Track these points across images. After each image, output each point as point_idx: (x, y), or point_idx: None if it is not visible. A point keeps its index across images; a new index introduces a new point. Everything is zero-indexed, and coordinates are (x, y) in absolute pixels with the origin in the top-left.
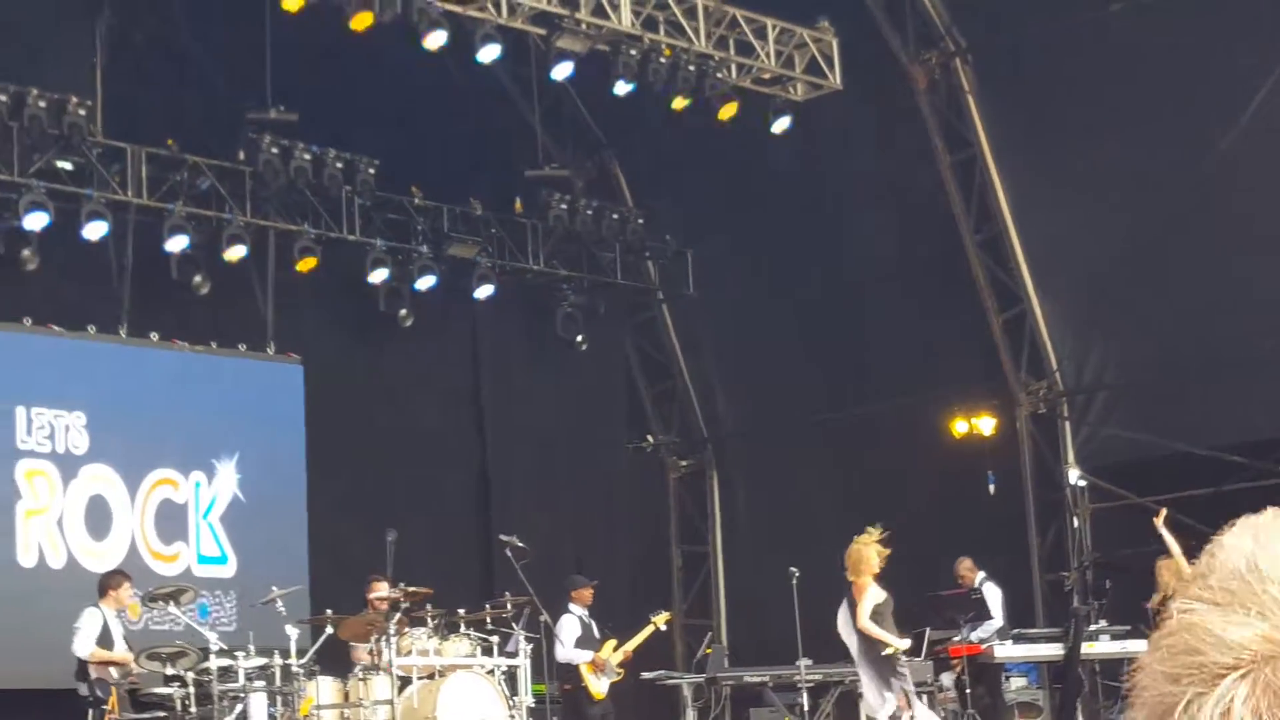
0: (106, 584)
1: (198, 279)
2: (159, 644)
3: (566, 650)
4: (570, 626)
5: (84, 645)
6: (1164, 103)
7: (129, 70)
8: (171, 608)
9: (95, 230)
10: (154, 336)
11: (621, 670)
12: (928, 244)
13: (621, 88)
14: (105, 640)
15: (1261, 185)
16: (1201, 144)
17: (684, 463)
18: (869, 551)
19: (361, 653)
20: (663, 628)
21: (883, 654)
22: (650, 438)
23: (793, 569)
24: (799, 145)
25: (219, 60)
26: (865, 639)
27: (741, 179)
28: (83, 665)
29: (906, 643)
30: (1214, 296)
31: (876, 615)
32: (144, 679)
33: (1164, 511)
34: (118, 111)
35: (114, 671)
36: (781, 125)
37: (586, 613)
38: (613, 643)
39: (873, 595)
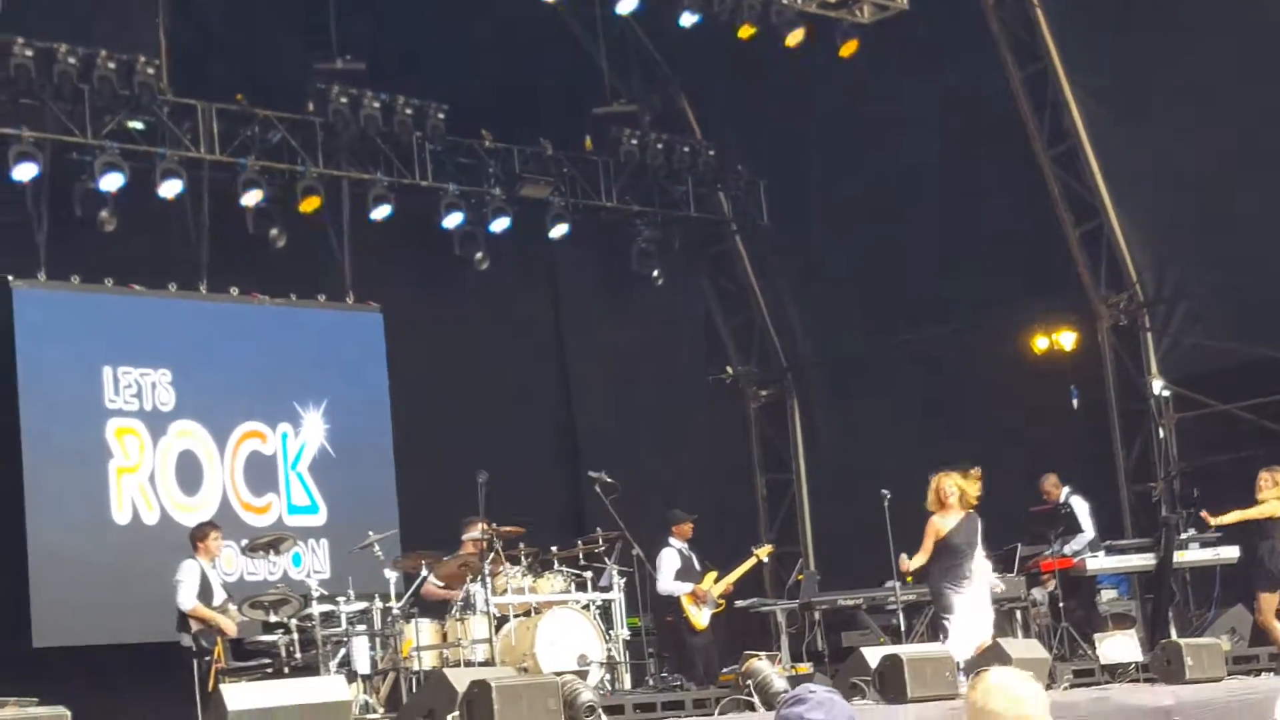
0: (196, 537)
1: (274, 232)
2: (260, 592)
3: (666, 582)
4: (670, 559)
5: (187, 598)
6: (1240, 6)
7: (192, 27)
8: (271, 557)
9: (170, 188)
10: (234, 291)
11: (722, 602)
12: (1001, 161)
13: (687, 19)
14: (205, 592)
15: None
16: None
17: (764, 392)
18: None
19: (433, 588)
20: (765, 560)
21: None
22: (729, 369)
23: (884, 491)
24: (868, 68)
25: (282, 13)
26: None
27: (810, 105)
28: (183, 617)
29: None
30: None
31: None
32: (245, 628)
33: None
34: (184, 69)
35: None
36: (849, 48)
37: (686, 546)
38: (713, 574)
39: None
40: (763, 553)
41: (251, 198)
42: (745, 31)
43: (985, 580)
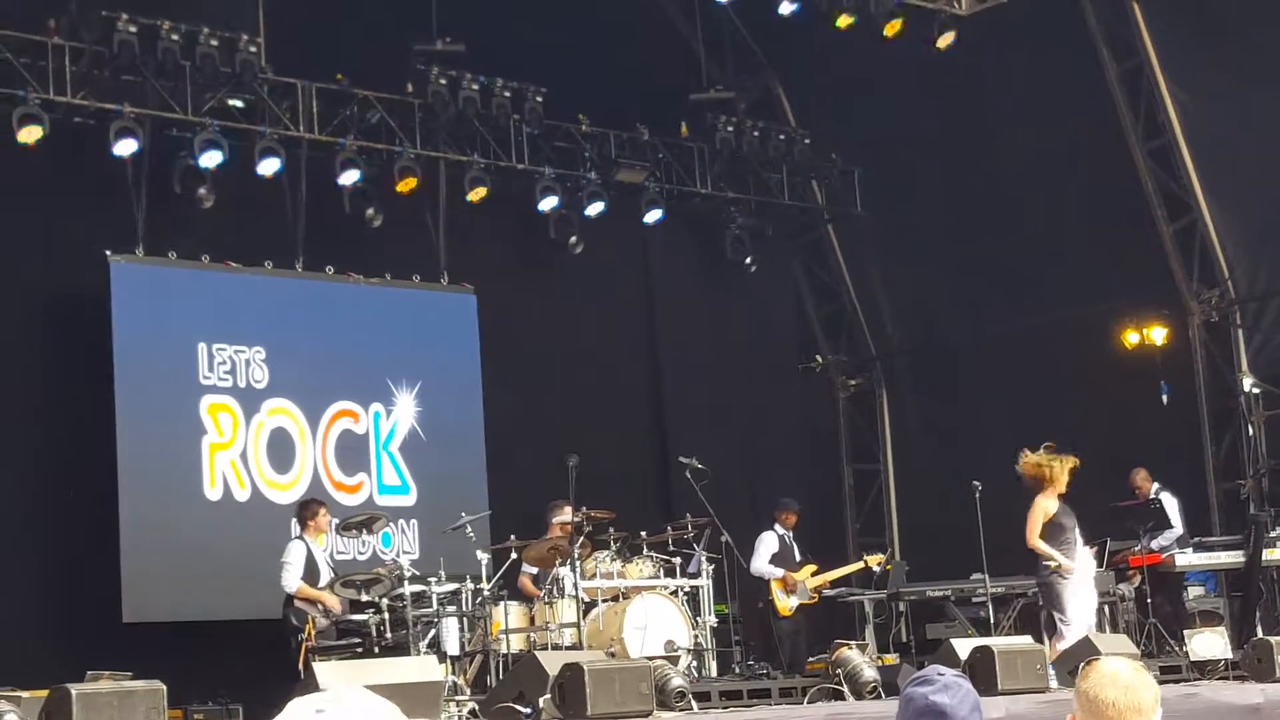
0: (305, 515)
1: (370, 212)
2: (353, 571)
3: (759, 563)
4: (769, 542)
5: (291, 580)
6: None
7: (293, 6)
8: (364, 536)
9: (269, 166)
10: (329, 270)
11: (816, 595)
12: (1095, 155)
13: (786, 7)
14: (311, 571)
15: None
16: None
17: (853, 382)
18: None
19: (528, 582)
20: (875, 569)
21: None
22: (819, 357)
23: (975, 483)
24: (964, 60)
25: None
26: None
27: (907, 96)
28: (289, 596)
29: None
30: None
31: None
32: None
33: None
34: (283, 48)
35: (319, 612)
36: (946, 40)
37: (790, 534)
38: (812, 567)
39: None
40: (874, 561)
41: (349, 177)
42: (843, 21)
43: (1090, 562)
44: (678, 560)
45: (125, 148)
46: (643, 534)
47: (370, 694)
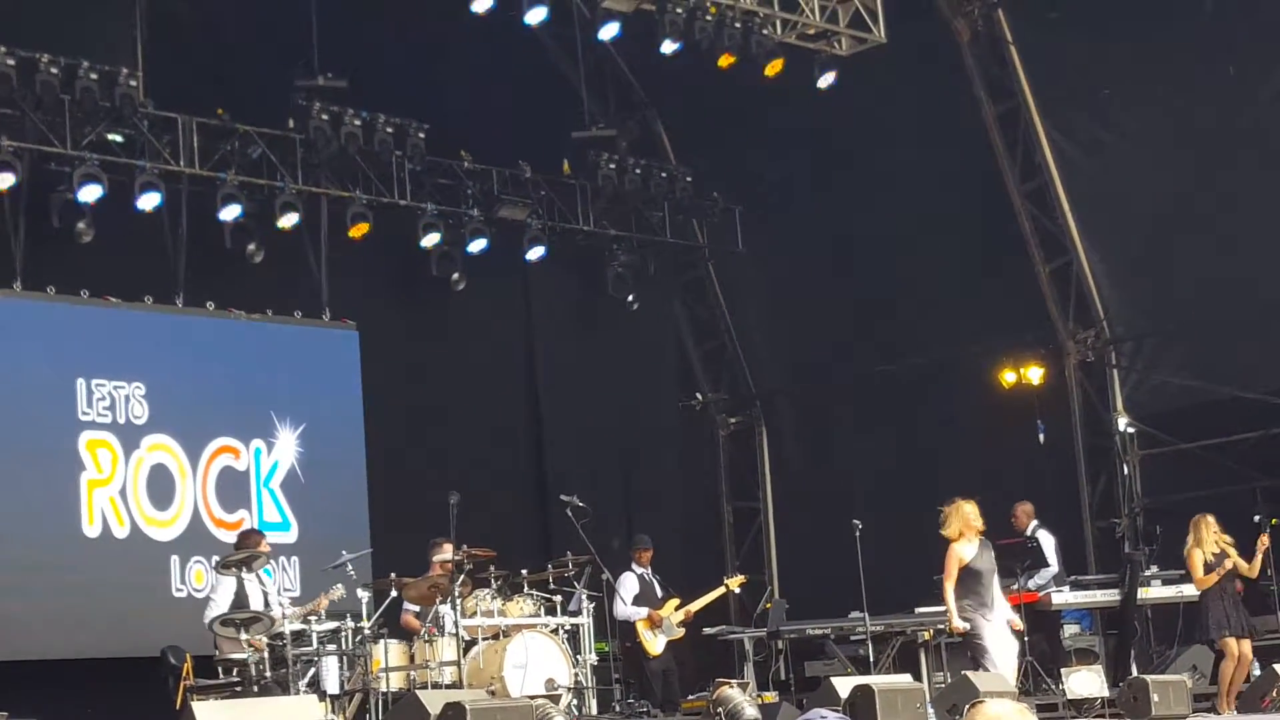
0: (245, 544)
1: (251, 247)
2: (232, 611)
3: (624, 608)
4: (629, 584)
5: (211, 614)
6: (1208, 49)
7: (172, 41)
8: (244, 574)
9: (149, 201)
10: (210, 306)
11: (681, 630)
12: (973, 196)
13: (668, 46)
14: (240, 604)
15: None
16: (1247, 88)
17: (733, 420)
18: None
19: (411, 619)
20: (735, 590)
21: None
22: (700, 395)
23: (856, 521)
24: (844, 101)
25: (264, 29)
26: None
27: (788, 135)
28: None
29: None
30: (1259, 241)
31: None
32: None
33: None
34: (163, 82)
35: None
36: (826, 81)
37: (648, 571)
38: (675, 601)
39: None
40: (734, 583)
41: (230, 213)
42: (725, 61)
43: (1004, 605)
44: (558, 598)
45: (3, 181)
46: (523, 572)
47: None
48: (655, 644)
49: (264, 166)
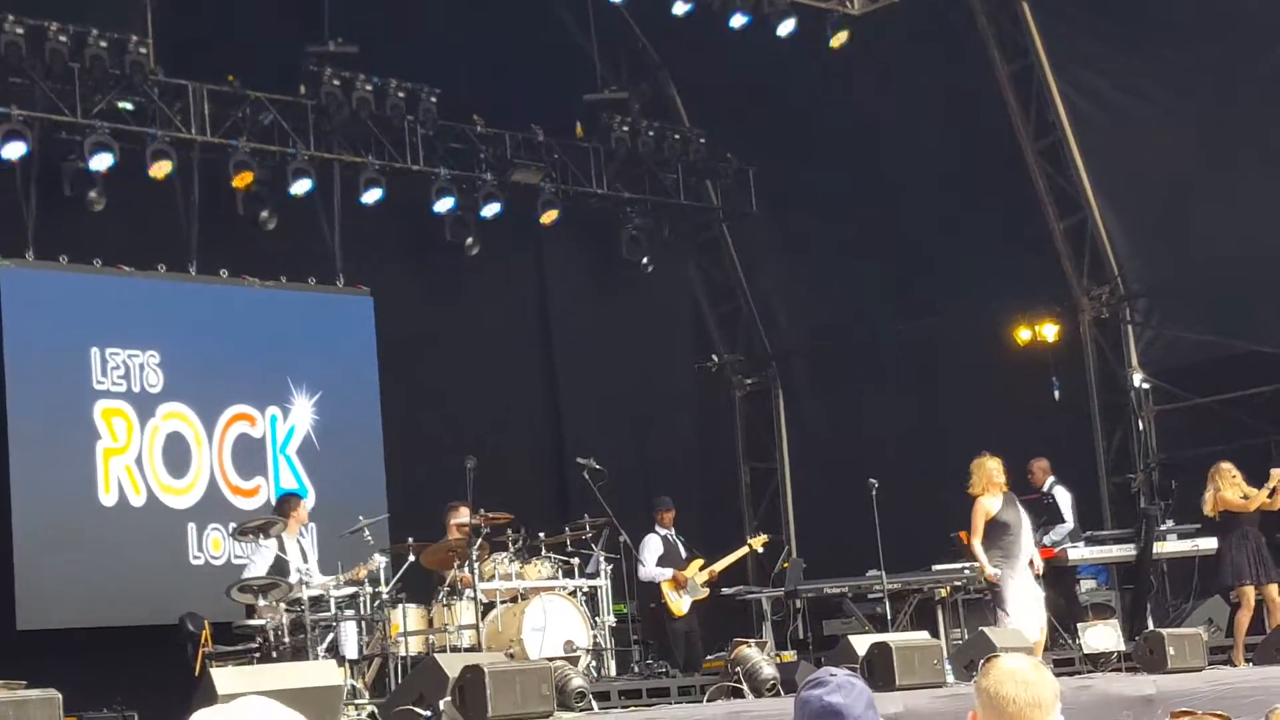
0: (284, 509)
1: (264, 214)
2: (250, 577)
3: (648, 569)
4: (653, 546)
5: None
6: (1225, 3)
7: (181, 8)
8: (262, 540)
9: (160, 169)
10: (223, 273)
11: (706, 590)
12: (988, 154)
13: (680, 7)
14: (280, 568)
15: None
16: (1264, 41)
17: (749, 380)
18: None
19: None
20: (759, 550)
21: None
22: (715, 357)
23: (872, 480)
24: (857, 60)
25: None
26: None
27: (801, 95)
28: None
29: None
30: (1273, 196)
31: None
32: (233, 611)
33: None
34: (173, 50)
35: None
36: (839, 40)
37: (671, 532)
38: (699, 562)
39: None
40: (757, 543)
41: (242, 179)
42: (737, 21)
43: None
44: (576, 561)
45: (14, 151)
46: (541, 535)
47: (276, 704)
48: (680, 604)
49: (275, 133)
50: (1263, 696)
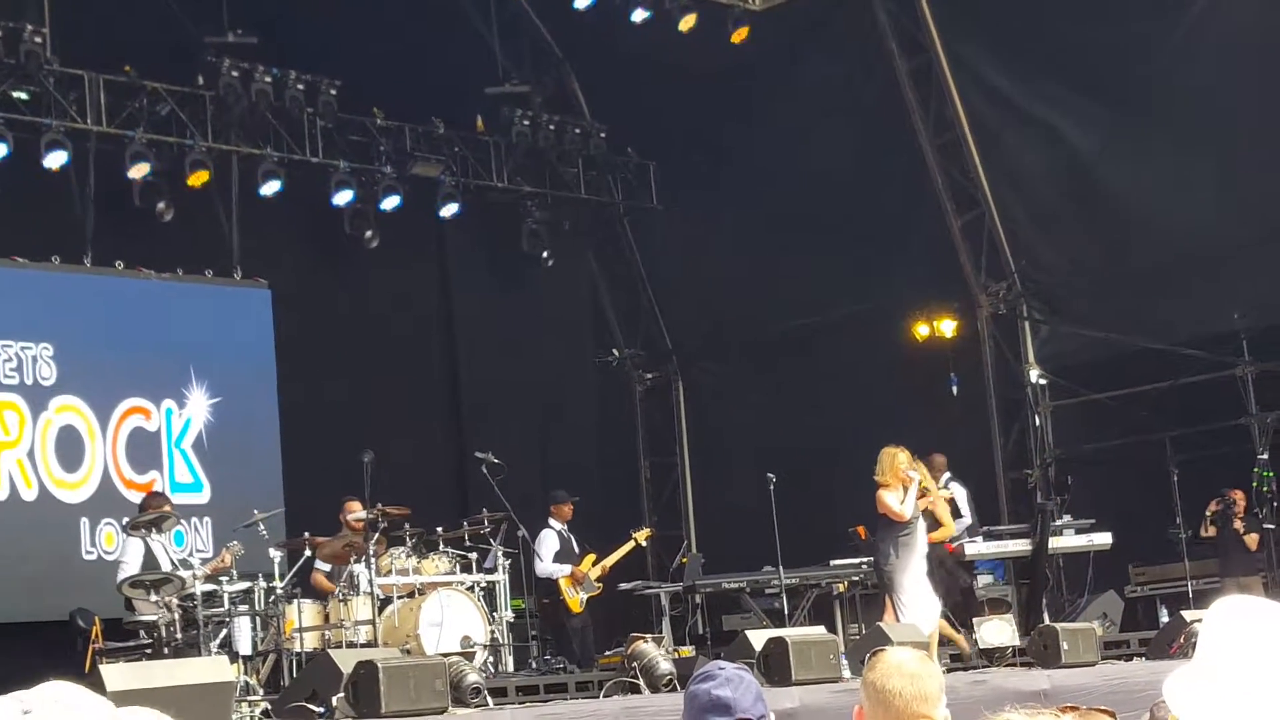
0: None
1: (161, 205)
2: (143, 572)
3: (545, 564)
4: (549, 541)
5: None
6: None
7: None
8: (154, 535)
9: (56, 159)
10: (119, 265)
11: (599, 585)
12: (888, 150)
13: (581, 1)
14: (150, 566)
15: (1215, 82)
16: (1160, 39)
17: (649, 375)
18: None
19: (321, 578)
20: (643, 544)
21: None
22: (616, 351)
23: (770, 475)
24: (758, 55)
25: None
26: None
27: (702, 90)
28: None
29: None
30: (1168, 194)
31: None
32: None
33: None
34: (69, 39)
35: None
36: (740, 35)
37: (566, 528)
38: (592, 557)
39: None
40: (641, 536)
41: (139, 171)
42: (639, 15)
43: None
44: (474, 556)
45: None
46: (439, 530)
47: (86, 692)
48: (578, 599)
49: (173, 124)
50: (1154, 692)
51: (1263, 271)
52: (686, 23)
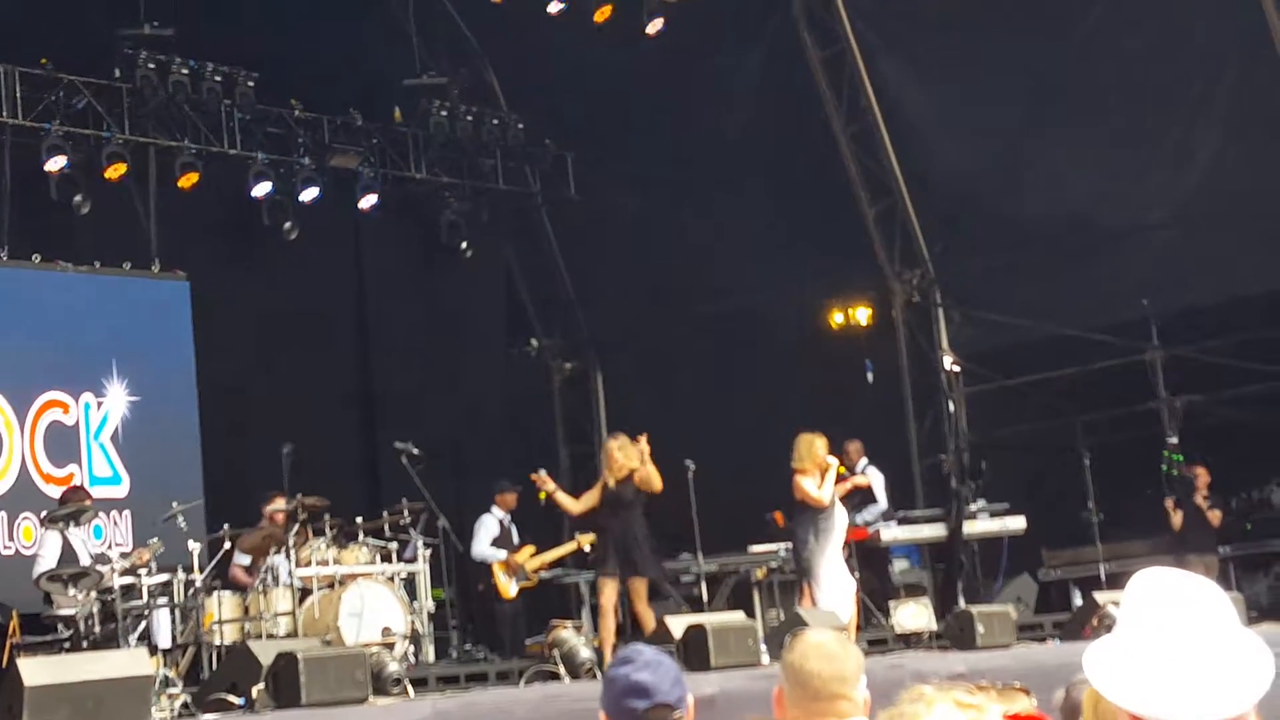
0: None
1: (78, 198)
2: (61, 566)
3: (481, 547)
4: (489, 526)
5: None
6: None
7: None
8: (72, 528)
9: None
10: (36, 258)
11: (534, 577)
12: (802, 139)
13: None
14: (69, 559)
15: (1123, 68)
16: (1065, 25)
17: (568, 365)
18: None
19: (239, 572)
20: (586, 549)
21: None
22: (534, 341)
23: (688, 462)
24: (673, 45)
25: None
26: None
27: (617, 81)
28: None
29: None
30: (1077, 180)
31: None
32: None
33: None
34: None
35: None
36: (656, 26)
37: (508, 517)
38: (530, 549)
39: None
40: (585, 540)
41: (55, 163)
42: (554, 6)
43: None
44: (394, 546)
45: None
46: (358, 520)
47: None
48: (509, 588)
49: (90, 116)
50: (1068, 672)
51: (1170, 256)
52: (602, 14)
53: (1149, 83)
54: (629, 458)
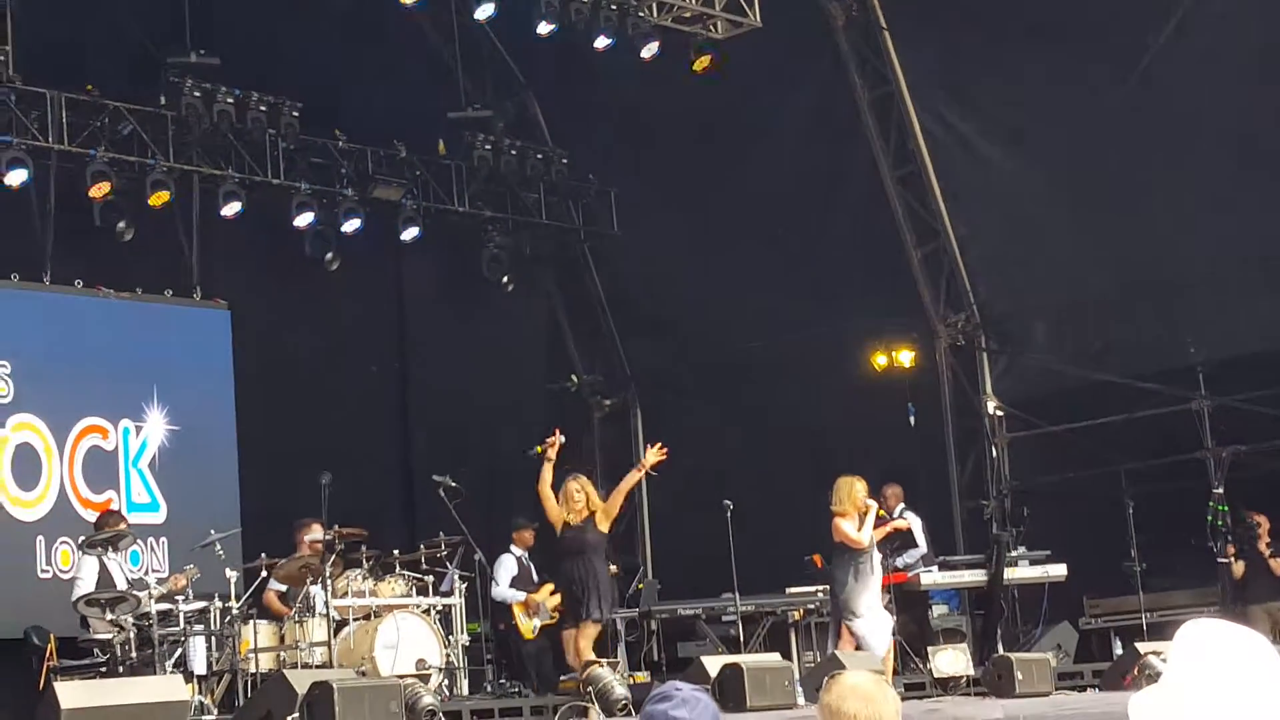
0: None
1: (121, 225)
2: (98, 591)
3: (501, 589)
4: (508, 566)
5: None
6: (1080, 33)
7: (41, 15)
8: (110, 554)
9: (16, 177)
10: (78, 284)
11: (556, 614)
12: (848, 179)
13: (544, 27)
14: (105, 584)
15: (1177, 119)
16: (1121, 72)
17: (608, 401)
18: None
19: (274, 599)
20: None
21: None
22: (574, 377)
23: (727, 502)
24: (720, 83)
25: (136, 4)
26: None
27: (663, 118)
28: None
29: None
30: (1124, 226)
31: None
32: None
33: None
34: (32, 57)
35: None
36: (703, 63)
37: (526, 554)
38: (549, 587)
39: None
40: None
41: (99, 190)
42: (601, 43)
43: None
44: (430, 579)
45: None
46: (395, 552)
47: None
48: (530, 627)
49: (134, 143)
50: None
51: (1218, 305)
52: (649, 50)
53: (1196, 135)
54: (591, 500)
